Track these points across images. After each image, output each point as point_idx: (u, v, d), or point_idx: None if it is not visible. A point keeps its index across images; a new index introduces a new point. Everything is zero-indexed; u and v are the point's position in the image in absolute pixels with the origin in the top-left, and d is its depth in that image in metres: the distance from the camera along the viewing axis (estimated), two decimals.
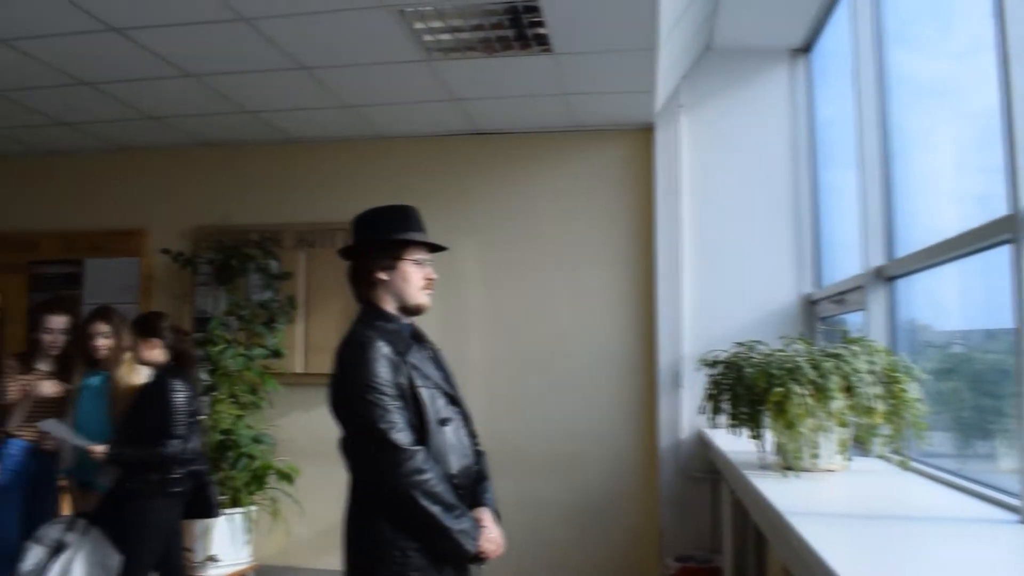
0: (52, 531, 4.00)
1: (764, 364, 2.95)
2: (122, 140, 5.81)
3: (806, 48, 5.00)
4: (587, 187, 5.32)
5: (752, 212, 5.01)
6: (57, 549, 3.93)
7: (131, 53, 4.13)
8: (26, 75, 4.49)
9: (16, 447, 4.20)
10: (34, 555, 3.94)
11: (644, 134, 5.23)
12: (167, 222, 5.92)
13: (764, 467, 3.04)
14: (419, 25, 3.80)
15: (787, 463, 2.90)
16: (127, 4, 3.60)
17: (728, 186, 5.06)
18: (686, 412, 4.98)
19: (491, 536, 2.34)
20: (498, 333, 5.36)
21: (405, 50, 4.07)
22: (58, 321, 4.35)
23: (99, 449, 3.84)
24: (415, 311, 2.45)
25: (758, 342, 3.19)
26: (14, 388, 4.24)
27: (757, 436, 3.03)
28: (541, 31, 3.87)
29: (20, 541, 4.17)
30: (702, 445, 4.80)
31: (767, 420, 2.92)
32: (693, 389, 4.86)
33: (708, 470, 4.80)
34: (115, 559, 3.98)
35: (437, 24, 3.80)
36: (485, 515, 2.39)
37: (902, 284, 3.45)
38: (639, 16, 3.67)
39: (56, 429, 4.02)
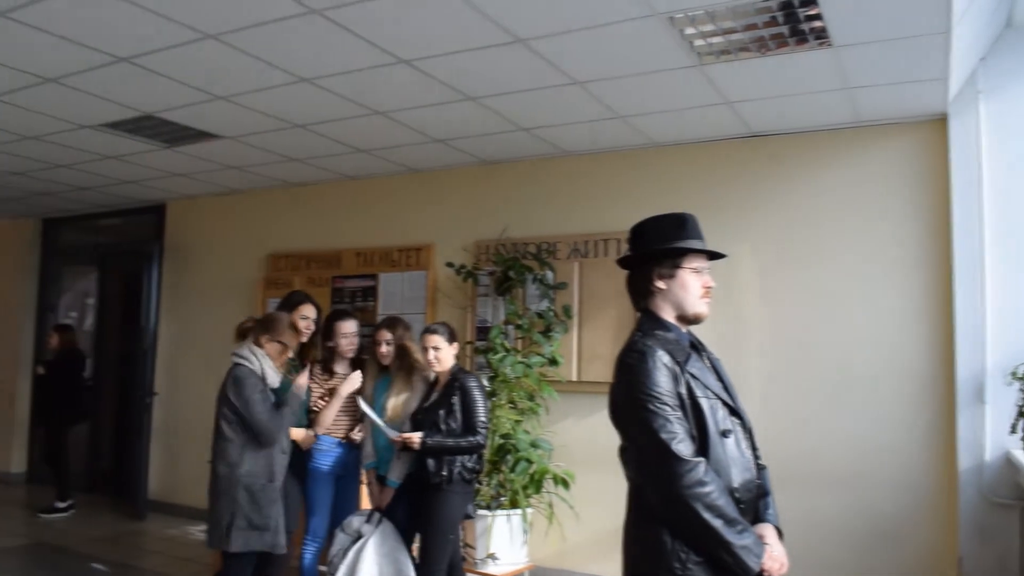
0: (354, 521, 4.39)
1: None
2: (411, 163, 6.27)
3: None
4: (873, 186, 4.96)
5: None
6: (357, 539, 4.31)
7: (418, 82, 4.45)
8: (327, 109, 4.99)
9: (327, 443, 4.63)
10: (339, 542, 4.36)
11: (937, 125, 4.80)
12: (450, 237, 6.32)
13: None
14: (690, 30, 3.76)
15: None
16: (413, 36, 3.90)
17: None
18: (990, 431, 4.49)
19: (775, 554, 2.24)
20: (777, 343, 5.14)
21: (676, 56, 4.05)
22: (349, 327, 4.78)
23: (415, 438, 4.16)
24: (694, 320, 2.42)
25: None
26: (320, 392, 4.69)
27: None
28: (818, 24, 3.67)
29: (330, 528, 4.62)
30: (1011, 468, 4.32)
31: None
32: (998, 405, 4.41)
33: (1018, 496, 4.32)
34: (403, 552, 4.30)
35: (708, 27, 3.73)
36: (768, 532, 2.31)
37: None
38: None
39: (371, 414, 4.38)
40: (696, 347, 2.44)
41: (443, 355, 4.31)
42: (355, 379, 4.56)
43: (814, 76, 4.29)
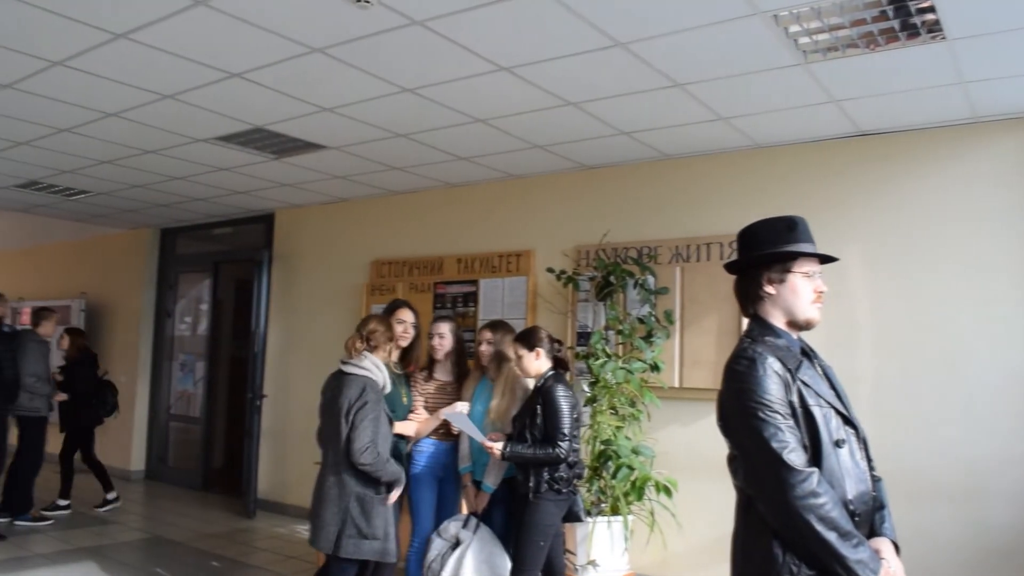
0: (451, 527, 4.42)
1: None
2: (511, 169, 6.31)
3: None
4: (990, 184, 4.72)
5: None
6: (455, 544, 4.33)
7: (518, 89, 4.48)
8: (430, 118, 5.08)
9: (425, 443, 4.67)
10: (436, 547, 4.38)
11: None
12: (550, 242, 6.32)
13: None
14: (794, 28, 3.66)
15: None
16: (513, 44, 3.92)
17: None
18: None
19: (891, 570, 2.15)
20: (888, 349, 4.93)
21: (780, 55, 3.95)
22: (438, 327, 4.82)
23: (496, 447, 4.17)
24: (805, 326, 2.35)
25: None
26: (419, 400, 4.71)
27: None
28: (931, 17, 3.52)
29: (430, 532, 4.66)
30: None
31: None
32: None
33: None
34: (502, 557, 4.29)
35: (814, 24, 3.63)
36: (885, 546, 2.21)
37: None
38: None
39: (459, 419, 4.37)
40: (808, 354, 2.37)
41: (523, 363, 4.28)
42: (458, 407, 4.52)
43: (926, 71, 4.12)
